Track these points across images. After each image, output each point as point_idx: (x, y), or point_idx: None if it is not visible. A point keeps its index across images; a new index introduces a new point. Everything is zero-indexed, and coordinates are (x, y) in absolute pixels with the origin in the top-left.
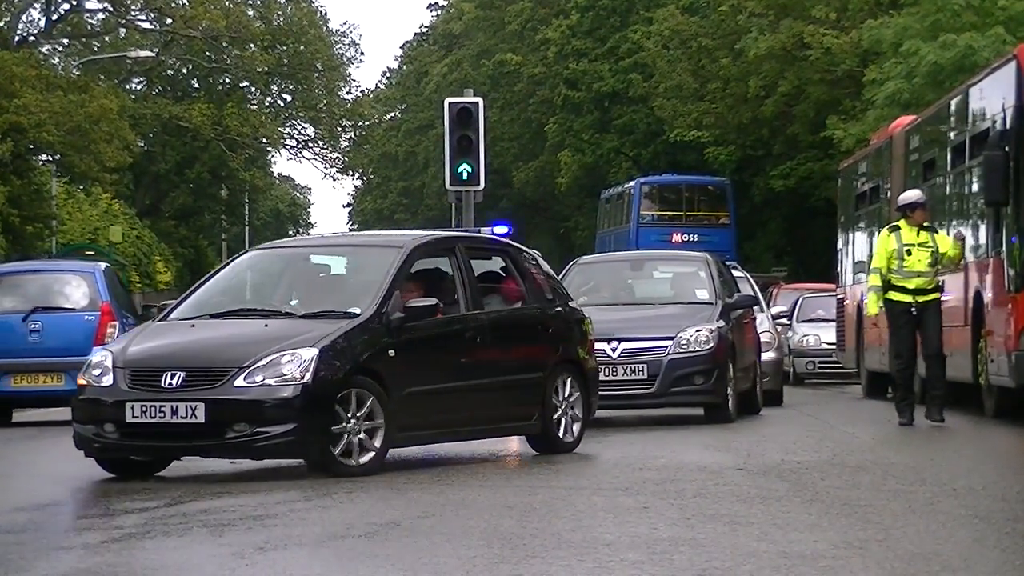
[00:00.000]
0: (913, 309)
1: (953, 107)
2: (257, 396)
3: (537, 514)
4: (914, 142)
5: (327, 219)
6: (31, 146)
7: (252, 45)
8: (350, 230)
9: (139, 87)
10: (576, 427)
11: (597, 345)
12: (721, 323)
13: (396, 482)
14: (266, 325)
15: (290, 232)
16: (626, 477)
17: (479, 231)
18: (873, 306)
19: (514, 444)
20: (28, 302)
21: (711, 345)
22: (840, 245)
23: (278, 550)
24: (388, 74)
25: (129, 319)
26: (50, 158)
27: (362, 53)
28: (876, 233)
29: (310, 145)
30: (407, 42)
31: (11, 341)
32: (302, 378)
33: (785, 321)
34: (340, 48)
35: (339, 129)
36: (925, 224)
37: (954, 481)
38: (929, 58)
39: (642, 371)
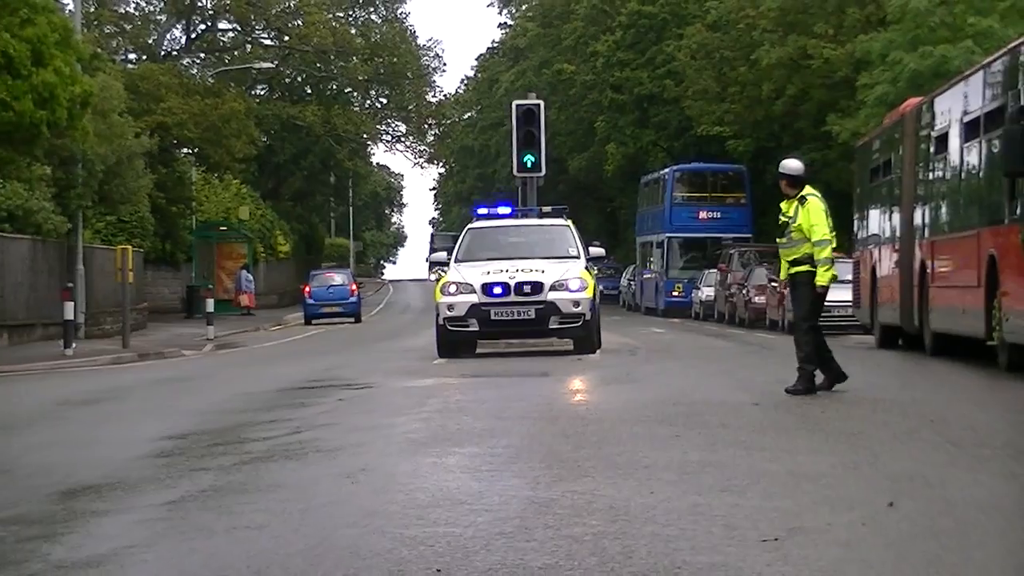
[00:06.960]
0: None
1: (970, 86)
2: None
3: (589, 441)
4: (925, 119)
5: (416, 201)
6: (174, 141)
7: (354, 58)
8: (435, 209)
9: (262, 92)
10: None
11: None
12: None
13: (470, 412)
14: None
15: (386, 211)
16: (662, 411)
17: (539, 210)
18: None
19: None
20: (328, 282)
21: None
22: (856, 216)
23: (378, 471)
24: (466, 81)
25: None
26: (190, 151)
27: (445, 64)
28: (889, 205)
29: (402, 139)
30: (481, 55)
31: (323, 296)
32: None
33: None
34: (426, 60)
35: (426, 126)
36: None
37: (932, 414)
38: (911, 66)
39: None
